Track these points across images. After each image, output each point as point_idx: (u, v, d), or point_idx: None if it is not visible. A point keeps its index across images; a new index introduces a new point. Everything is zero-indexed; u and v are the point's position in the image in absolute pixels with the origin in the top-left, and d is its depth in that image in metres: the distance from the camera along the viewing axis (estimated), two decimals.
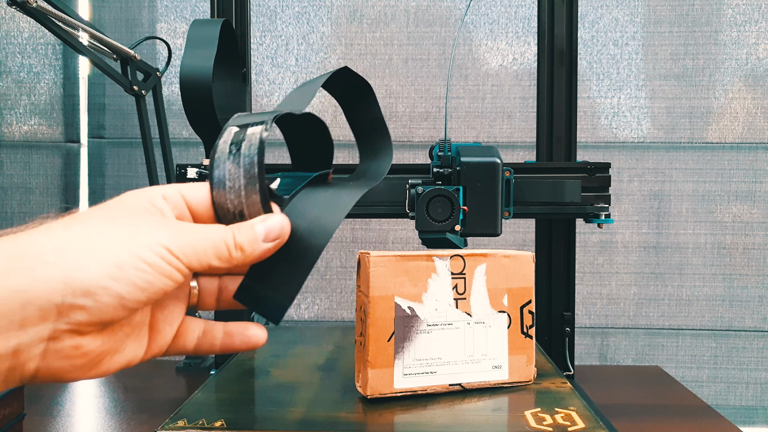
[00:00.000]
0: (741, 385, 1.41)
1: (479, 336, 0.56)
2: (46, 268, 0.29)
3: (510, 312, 0.57)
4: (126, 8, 1.43)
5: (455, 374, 0.56)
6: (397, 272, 0.54)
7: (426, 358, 0.54)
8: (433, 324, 0.54)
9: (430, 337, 0.54)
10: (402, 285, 0.54)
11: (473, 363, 0.56)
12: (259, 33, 1.42)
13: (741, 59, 1.38)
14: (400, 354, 0.53)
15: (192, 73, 0.69)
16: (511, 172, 0.71)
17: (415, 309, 0.54)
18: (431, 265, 0.55)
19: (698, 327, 1.41)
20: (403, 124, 1.42)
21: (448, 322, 0.54)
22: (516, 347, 0.58)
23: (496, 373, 0.58)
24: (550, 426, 0.52)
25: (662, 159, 1.40)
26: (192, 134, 0.77)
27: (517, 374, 0.58)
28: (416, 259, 0.54)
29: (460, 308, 0.55)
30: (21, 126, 1.45)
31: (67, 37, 0.83)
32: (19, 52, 1.44)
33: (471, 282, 0.55)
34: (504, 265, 0.57)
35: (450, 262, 0.55)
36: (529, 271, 0.58)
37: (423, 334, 0.54)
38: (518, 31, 1.41)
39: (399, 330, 0.53)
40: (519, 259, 0.58)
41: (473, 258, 0.56)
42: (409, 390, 0.54)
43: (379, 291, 0.53)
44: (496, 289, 0.57)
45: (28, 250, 0.29)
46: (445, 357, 0.55)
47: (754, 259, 1.39)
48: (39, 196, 1.46)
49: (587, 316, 1.42)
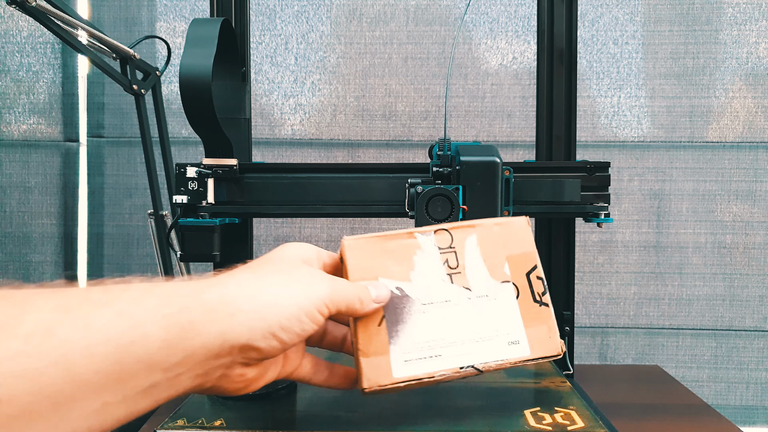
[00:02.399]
0: (741, 385, 1.40)
1: (485, 311, 0.49)
2: (241, 316, 0.36)
3: (516, 281, 0.50)
4: (125, 7, 1.43)
5: (465, 355, 0.49)
6: (376, 254, 0.49)
7: (427, 340, 0.48)
8: (428, 302, 0.49)
9: (426, 317, 0.48)
10: (385, 267, 0.49)
11: (485, 341, 0.49)
12: (259, 32, 1.42)
13: (741, 58, 1.38)
14: (396, 339, 0.48)
15: (191, 72, 0.68)
16: (511, 172, 0.71)
17: (404, 288, 0.48)
18: (414, 242, 0.50)
19: (698, 326, 1.41)
20: (402, 123, 1.42)
21: (445, 299, 0.49)
22: (532, 318, 0.50)
23: (515, 350, 0.49)
24: (549, 425, 0.52)
25: (662, 158, 1.40)
26: (191, 133, 0.76)
27: (540, 348, 0.50)
28: (396, 238, 0.50)
29: (456, 283, 0.49)
30: (20, 125, 1.45)
31: (66, 36, 0.83)
32: (17, 51, 1.44)
33: (463, 255, 0.50)
34: (497, 233, 0.51)
35: (435, 237, 0.50)
36: (526, 235, 0.52)
37: (418, 315, 0.48)
38: (518, 30, 1.41)
39: (389, 313, 0.48)
40: (512, 224, 0.52)
41: (460, 230, 0.51)
42: (413, 378, 0.47)
43: (360, 275, 0.48)
44: (493, 258, 0.50)
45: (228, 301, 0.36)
46: (450, 337, 0.48)
47: (755, 258, 1.39)
48: (38, 195, 1.45)
49: (587, 316, 1.42)
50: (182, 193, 0.74)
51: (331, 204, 0.76)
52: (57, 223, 1.46)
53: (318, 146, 1.43)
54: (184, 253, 0.73)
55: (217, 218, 0.74)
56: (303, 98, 1.43)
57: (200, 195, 0.74)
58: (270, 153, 1.44)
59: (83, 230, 1.46)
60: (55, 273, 1.46)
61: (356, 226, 1.43)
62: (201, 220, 0.73)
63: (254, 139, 1.16)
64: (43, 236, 1.46)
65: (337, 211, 0.77)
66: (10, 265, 1.47)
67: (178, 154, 1.41)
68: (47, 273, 1.46)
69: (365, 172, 0.76)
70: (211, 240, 0.73)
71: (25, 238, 1.46)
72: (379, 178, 0.75)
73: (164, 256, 1.00)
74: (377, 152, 1.43)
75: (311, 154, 1.44)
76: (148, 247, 1.43)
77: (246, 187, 0.76)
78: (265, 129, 1.43)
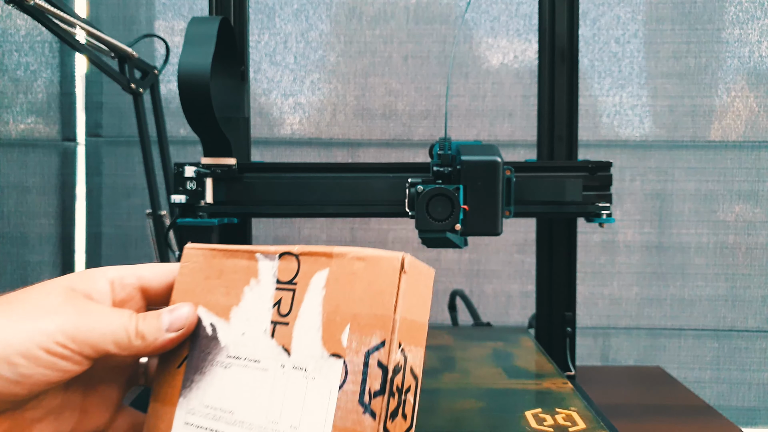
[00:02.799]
0: (743, 386, 1.40)
1: (295, 392, 0.34)
2: None
3: (350, 359, 0.32)
4: (123, 6, 1.43)
5: None
6: (211, 273, 0.38)
7: (215, 406, 0.36)
8: (234, 356, 0.36)
9: (227, 375, 0.36)
10: (211, 291, 0.38)
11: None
12: (258, 30, 1.41)
13: (744, 57, 1.37)
14: (188, 391, 0.37)
15: (190, 71, 0.68)
16: (512, 171, 0.70)
17: (218, 328, 0.37)
18: (252, 266, 0.37)
19: (701, 327, 1.40)
20: (402, 123, 1.41)
21: (254, 358, 0.35)
22: (347, 428, 0.31)
23: None
24: (550, 426, 0.51)
25: (664, 158, 1.39)
26: (190, 133, 0.76)
27: None
28: (235, 256, 0.38)
29: (276, 339, 0.35)
30: (17, 124, 1.44)
31: (64, 34, 0.82)
32: (15, 49, 1.43)
33: (302, 298, 0.35)
34: (355, 274, 0.34)
35: (279, 264, 0.37)
36: (390, 286, 0.32)
37: (220, 369, 0.36)
38: (519, 29, 1.40)
39: (194, 355, 0.37)
40: (379, 264, 0.33)
41: (311, 259, 0.36)
42: None
43: (182, 296, 0.38)
44: (336, 313, 0.34)
45: None
46: (239, 414, 0.35)
47: (757, 259, 1.39)
48: (36, 195, 1.45)
49: (589, 317, 1.41)
50: (180, 193, 0.73)
51: (331, 204, 0.75)
52: (55, 224, 1.45)
53: (317, 146, 1.43)
54: None
55: (216, 218, 0.73)
56: (302, 97, 1.42)
57: (199, 195, 0.73)
58: (269, 152, 1.43)
59: (81, 230, 1.46)
60: (53, 273, 1.46)
61: (356, 226, 1.43)
62: (199, 220, 0.73)
63: (253, 139, 1.16)
64: (41, 236, 1.45)
65: (337, 211, 0.76)
66: (8, 265, 1.46)
67: (177, 154, 1.40)
68: (45, 273, 1.46)
69: (365, 172, 0.75)
70: (210, 240, 0.72)
71: (22, 239, 1.45)
72: (379, 178, 0.75)
73: (162, 257, 0.99)
74: (377, 152, 1.42)
75: (311, 153, 1.43)
76: (147, 247, 1.43)
77: (245, 186, 0.75)
78: (264, 128, 1.43)
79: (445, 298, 1.15)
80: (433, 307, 1.37)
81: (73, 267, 1.46)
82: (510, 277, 1.42)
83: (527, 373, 0.70)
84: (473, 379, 0.67)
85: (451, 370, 0.70)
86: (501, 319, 1.42)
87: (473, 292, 1.41)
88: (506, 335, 0.88)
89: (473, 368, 0.71)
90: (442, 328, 0.93)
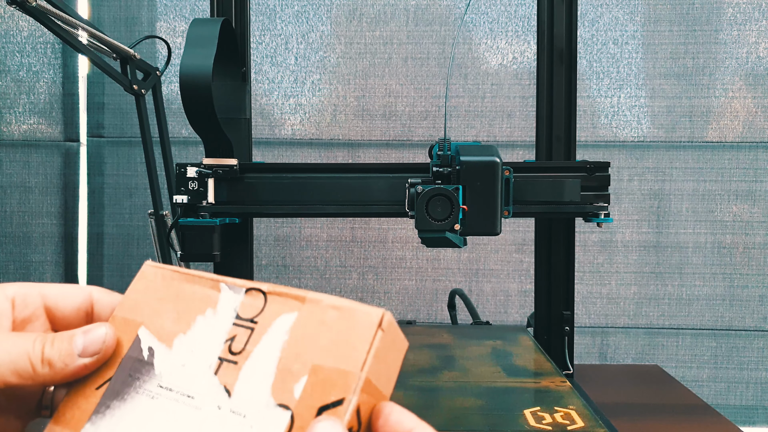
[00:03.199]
0: (741, 385, 1.40)
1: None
2: None
3: (298, 412, 0.30)
4: (125, 7, 1.43)
5: None
6: (164, 294, 0.35)
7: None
8: (167, 387, 0.33)
9: (151, 406, 0.32)
10: (160, 314, 0.35)
11: None
12: (259, 32, 1.42)
13: (741, 58, 1.38)
14: (99, 417, 0.32)
15: (192, 72, 0.69)
16: (511, 171, 0.71)
17: (156, 354, 0.33)
18: (213, 295, 0.34)
19: (698, 326, 1.41)
20: (402, 123, 1.42)
21: (189, 394, 0.32)
22: None
23: None
24: (549, 425, 0.52)
25: (662, 158, 1.40)
26: (191, 133, 0.76)
27: None
28: (196, 282, 0.35)
29: (220, 377, 0.32)
30: (20, 125, 1.45)
31: (66, 35, 0.83)
32: (18, 51, 1.44)
33: (259, 338, 0.32)
34: (325, 323, 0.31)
35: (244, 299, 0.34)
36: (362, 342, 0.30)
37: (144, 398, 0.32)
38: (518, 30, 1.41)
39: (118, 377, 0.33)
40: (354, 316, 0.31)
41: (280, 299, 0.33)
42: None
43: (127, 312, 0.35)
44: (294, 361, 0.31)
45: None
46: None
47: (755, 258, 1.39)
48: (38, 195, 1.46)
49: (587, 316, 1.42)
50: (182, 193, 0.74)
51: (331, 204, 0.76)
52: (57, 223, 1.46)
53: (318, 146, 1.43)
54: (184, 252, 0.73)
55: (218, 218, 0.74)
56: (303, 98, 1.43)
57: (200, 195, 0.74)
58: (270, 153, 1.44)
59: (83, 230, 1.46)
60: (55, 272, 1.47)
61: (356, 225, 1.43)
62: (201, 219, 0.73)
63: (254, 139, 1.16)
64: (44, 236, 1.46)
65: (337, 211, 0.77)
66: (11, 264, 1.47)
67: (179, 154, 1.41)
68: (47, 273, 1.46)
69: (365, 172, 0.76)
70: (212, 240, 0.73)
71: (25, 238, 1.46)
72: (379, 178, 0.75)
73: (164, 256, 1.00)
74: (377, 152, 1.43)
75: (311, 154, 1.44)
76: (148, 247, 1.43)
77: (246, 187, 0.76)
78: (266, 129, 1.43)
79: (444, 296, 1.16)
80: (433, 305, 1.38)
81: (76, 266, 1.46)
82: (509, 277, 1.42)
83: (526, 371, 0.70)
84: (472, 377, 0.68)
85: (451, 369, 0.71)
86: (500, 318, 1.43)
87: (472, 291, 1.42)
88: (505, 334, 0.89)
89: (472, 367, 0.72)
90: (442, 327, 0.94)
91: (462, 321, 1.14)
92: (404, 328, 0.95)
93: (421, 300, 1.42)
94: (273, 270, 1.44)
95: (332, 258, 1.44)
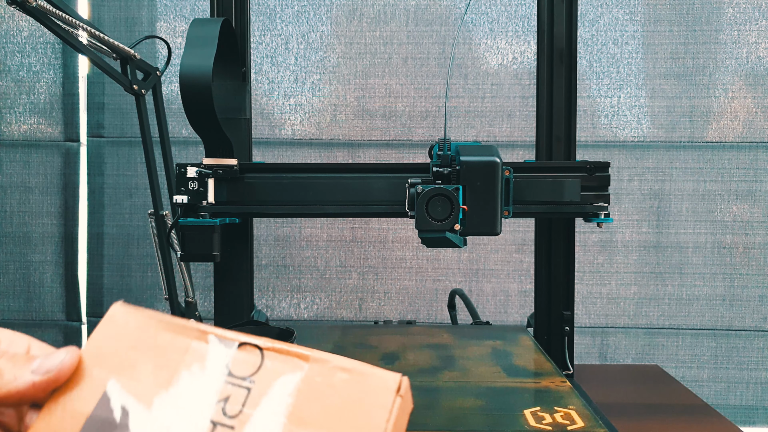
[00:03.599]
0: (741, 385, 1.40)
1: None
2: None
3: None
4: (125, 7, 1.43)
5: None
6: (137, 342, 0.30)
7: None
8: None
9: None
10: (134, 366, 0.29)
11: None
12: (259, 32, 1.42)
13: (741, 58, 1.38)
14: None
15: (192, 72, 0.69)
16: (511, 172, 0.71)
17: (131, 415, 0.28)
18: (201, 347, 0.30)
19: (698, 326, 1.41)
20: (402, 123, 1.42)
21: None
22: None
23: None
24: (549, 425, 0.52)
25: (662, 158, 1.40)
26: (192, 133, 0.76)
27: None
28: (180, 331, 0.30)
29: None
30: (20, 125, 1.45)
31: (66, 36, 0.83)
32: (18, 51, 1.44)
33: (259, 400, 0.28)
34: (334, 388, 0.28)
35: (236, 353, 0.30)
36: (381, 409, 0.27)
37: None
38: (518, 30, 1.41)
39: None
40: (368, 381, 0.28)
41: (280, 357, 0.29)
42: None
43: (92, 360, 0.30)
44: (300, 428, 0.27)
45: None
46: None
47: (755, 258, 1.39)
48: (38, 195, 1.46)
49: (587, 316, 1.42)
50: (182, 193, 0.74)
51: (331, 204, 0.76)
52: (57, 223, 1.46)
53: (318, 146, 1.44)
54: (184, 252, 0.73)
55: (218, 218, 0.74)
56: (303, 98, 1.43)
57: (200, 195, 0.74)
58: (270, 153, 1.44)
59: (83, 230, 1.46)
60: (56, 272, 1.47)
61: (356, 225, 1.43)
62: (201, 219, 0.73)
63: (254, 139, 1.16)
64: (44, 236, 1.46)
65: (337, 211, 0.77)
66: (11, 264, 1.47)
67: (179, 154, 1.41)
68: (47, 273, 1.46)
69: (365, 172, 0.76)
70: (212, 240, 0.73)
71: (25, 238, 1.46)
72: (379, 178, 0.75)
73: (164, 256, 1.00)
74: (377, 152, 1.43)
75: (311, 154, 1.44)
76: (149, 246, 1.43)
77: (246, 187, 0.76)
78: (266, 129, 1.44)
79: (444, 296, 1.16)
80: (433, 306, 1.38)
81: (76, 266, 1.47)
82: (509, 277, 1.42)
83: (526, 371, 0.70)
84: (472, 377, 0.68)
85: (451, 369, 0.71)
86: (500, 318, 1.43)
87: (472, 291, 1.42)
88: (505, 334, 0.89)
89: (472, 367, 0.72)
90: (442, 327, 0.94)
91: (462, 321, 1.14)
92: (404, 327, 0.95)
93: (421, 300, 1.42)
94: (273, 270, 1.44)
95: (332, 258, 1.44)
